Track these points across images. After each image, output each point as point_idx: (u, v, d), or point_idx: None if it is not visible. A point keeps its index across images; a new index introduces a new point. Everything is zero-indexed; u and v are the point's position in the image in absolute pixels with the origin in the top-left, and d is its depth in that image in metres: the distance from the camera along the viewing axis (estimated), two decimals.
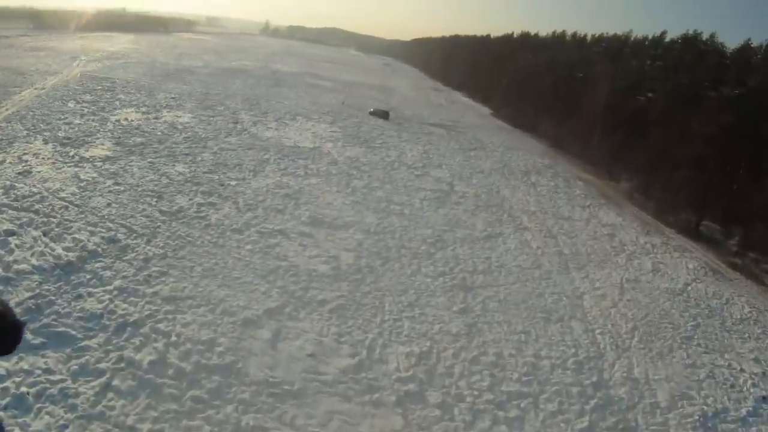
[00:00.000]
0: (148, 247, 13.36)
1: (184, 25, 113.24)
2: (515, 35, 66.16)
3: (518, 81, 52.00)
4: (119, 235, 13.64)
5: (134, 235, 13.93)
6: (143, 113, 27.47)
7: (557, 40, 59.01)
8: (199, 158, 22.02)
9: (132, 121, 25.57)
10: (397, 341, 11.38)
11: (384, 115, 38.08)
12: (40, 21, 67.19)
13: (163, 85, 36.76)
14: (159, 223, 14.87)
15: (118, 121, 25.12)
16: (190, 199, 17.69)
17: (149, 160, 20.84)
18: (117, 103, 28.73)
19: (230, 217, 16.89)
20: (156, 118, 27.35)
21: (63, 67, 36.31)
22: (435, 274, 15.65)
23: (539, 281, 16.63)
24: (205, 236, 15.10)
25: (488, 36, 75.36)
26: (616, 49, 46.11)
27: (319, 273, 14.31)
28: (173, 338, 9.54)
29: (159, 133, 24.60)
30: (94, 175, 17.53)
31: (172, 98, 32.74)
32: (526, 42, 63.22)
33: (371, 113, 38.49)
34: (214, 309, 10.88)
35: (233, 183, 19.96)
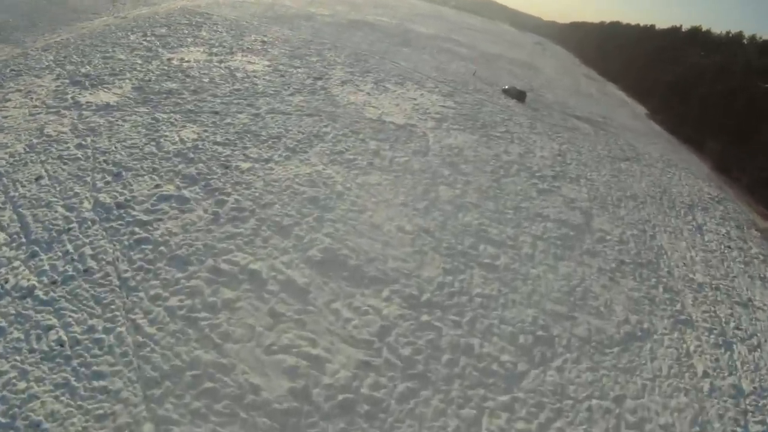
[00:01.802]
0: None
1: None
2: (683, 29, 54.49)
3: (683, 82, 40.48)
4: None
5: None
6: (210, 54, 22.14)
7: (733, 40, 46.85)
8: (228, 120, 15.19)
9: (188, 62, 20.41)
10: None
11: (519, 95, 28.92)
12: None
13: (266, 27, 30.57)
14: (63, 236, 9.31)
15: (170, 60, 20.26)
16: (150, 190, 11.12)
17: (157, 114, 15.33)
18: (189, 40, 24.10)
19: (188, 231, 9.36)
20: (221, 61, 21.48)
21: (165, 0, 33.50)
22: None
23: None
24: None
25: (652, 27, 63.27)
26: None
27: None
28: None
29: (206, 80, 18.71)
30: (63, 130, 13.40)
31: (262, 42, 26.22)
32: (695, 38, 50.91)
33: (504, 91, 29.48)
34: None
35: (245, 166, 12.65)
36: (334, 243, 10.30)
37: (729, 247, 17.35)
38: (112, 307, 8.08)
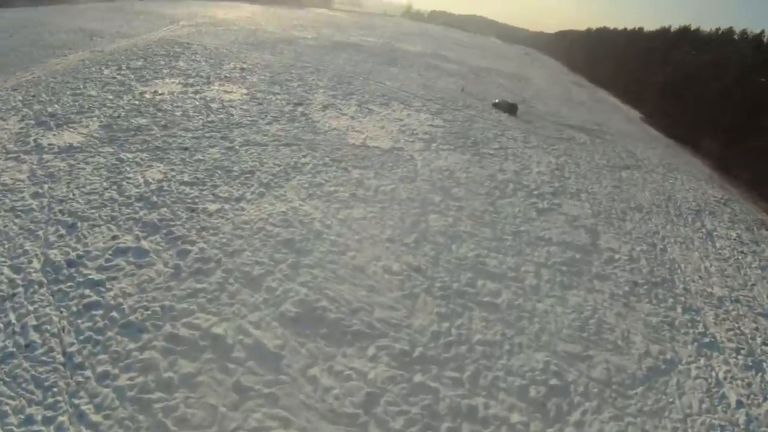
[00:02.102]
0: None
1: (321, 1, 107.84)
2: (672, 29, 53.37)
3: (676, 82, 39.32)
4: None
5: None
6: (185, 85, 21.14)
7: (724, 36, 45.56)
8: (198, 156, 14.06)
9: (161, 95, 19.38)
10: None
11: (510, 108, 27.76)
12: None
13: (246, 54, 29.60)
14: None
15: (142, 94, 19.19)
16: (106, 243, 10.37)
17: (122, 155, 14.01)
18: (166, 71, 23.06)
19: (145, 291, 8.36)
20: (196, 92, 20.44)
21: (147, 31, 33.35)
22: None
23: None
24: None
25: (640, 30, 62.18)
26: None
27: None
28: None
29: (179, 113, 17.61)
30: (20, 177, 12.25)
31: (241, 69, 25.40)
32: (685, 38, 49.75)
33: (494, 105, 28.36)
34: None
35: (213, 208, 11.41)
36: (311, 293, 9.01)
37: (742, 252, 16.11)
38: (55, 390, 6.82)
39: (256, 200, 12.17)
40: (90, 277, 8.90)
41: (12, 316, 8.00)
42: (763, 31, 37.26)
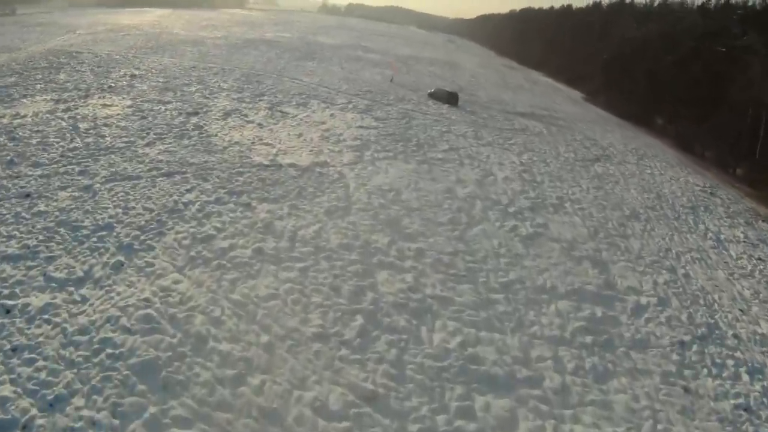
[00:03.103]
0: None
1: (235, 2, 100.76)
2: (604, 3, 49.87)
3: (621, 57, 35.56)
4: None
5: None
6: (57, 102, 15.88)
7: (663, 8, 42.02)
8: (41, 206, 9.62)
9: (22, 118, 14.14)
10: None
11: (450, 98, 23.13)
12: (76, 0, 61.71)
13: (142, 58, 24.45)
14: None
15: (2, 117, 13.95)
16: None
17: None
18: (39, 87, 17.71)
19: None
20: (67, 110, 15.20)
21: (38, 42, 27.40)
22: None
23: None
24: None
25: (569, 7, 58.87)
26: None
27: None
28: None
29: (35, 141, 12.38)
30: None
31: (131, 76, 20.19)
32: (621, 11, 46.18)
33: (431, 95, 23.69)
34: None
35: (37, 304, 6.75)
36: None
37: (760, 259, 12.22)
38: None
39: (106, 283, 7.16)
40: None
41: None
42: None
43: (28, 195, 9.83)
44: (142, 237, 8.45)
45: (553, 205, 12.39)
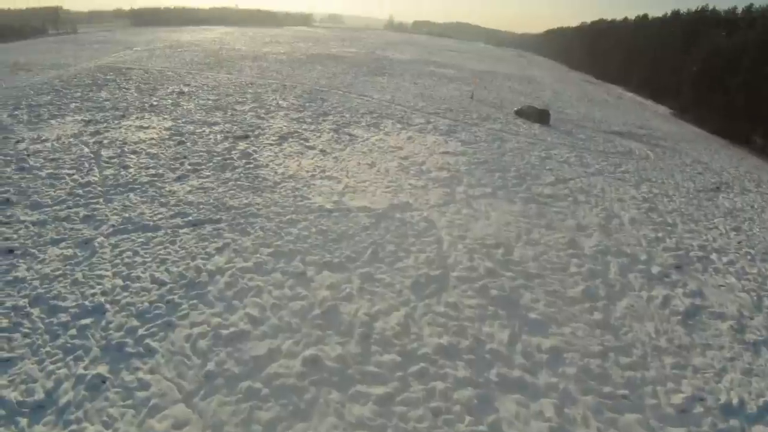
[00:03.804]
0: None
1: (300, 20, 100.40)
2: (683, 13, 45.32)
3: (712, 70, 31.23)
4: None
5: None
6: (87, 124, 13.69)
7: (747, 15, 37.31)
8: (21, 269, 6.79)
9: (42, 142, 12.01)
10: None
11: (541, 116, 19.85)
12: (140, 19, 63.41)
13: (194, 75, 22.33)
14: None
15: (17, 143, 11.85)
16: None
17: None
18: (73, 106, 15.70)
19: None
20: (96, 133, 12.92)
21: (89, 59, 26.16)
22: None
23: None
24: None
25: (645, 17, 54.29)
26: None
27: None
28: None
29: (45, 173, 10.04)
30: None
31: (178, 94, 17.77)
32: (703, 21, 41.60)
33: (518, 113, 20.44)
34: None
35: None
36: None
37: None
38: None
39: (74, 412, 4.56)
40: None
41: None
42: None
43: (10, 251, 7.26)
44: (141, 331, 5.59)
45: (699, 258, 8.96)
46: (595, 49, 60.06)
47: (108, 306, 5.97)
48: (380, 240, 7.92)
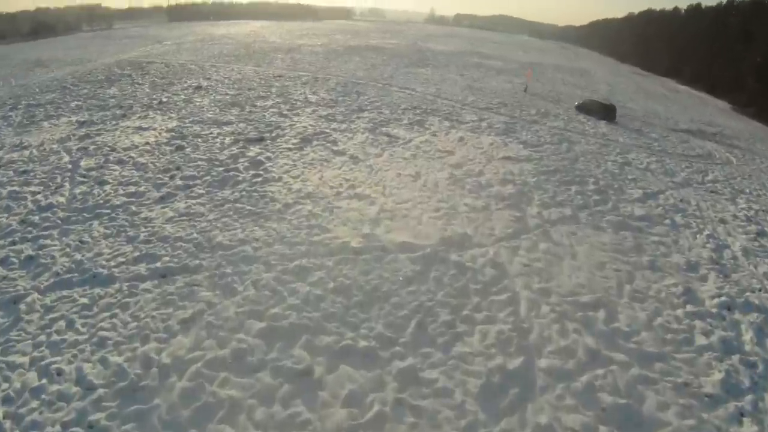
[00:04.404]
0: None
1: (340, 14, 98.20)
2: (738, 1, 41.20)
3: None
4: None
5: None
6: (79, 127, 11.87)
7: None
8: None
9: (23, 148, 10.37)
10: None
11: (607, 112, 17.20)
12: (178, 14, 63.35)
13: (218, 68, 20.62)
14: None
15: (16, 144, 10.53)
16: None
17: None
18: (73, 105, 14.07)
19: None
20: (84, 138, 10.96)
21: (113, 54, 25.00)
22: None
23: None
24: None
25: (698, 6, 49.98)
26: None
27: None
28: None
29: (5, 192, 7.98)
30: None
31: (194, 89, 15.83)
32: (762, 9, 37.44)
33: (579, 108, 17.68)
34: None
35: None
36: None
37: None
38: None
39: None
40: None
41: None
42: None
43: None
44: None
45: None
46: (643, 41, 56.31)
47: (6, 424, 3.59)
48: (429, 302, 5.33)
